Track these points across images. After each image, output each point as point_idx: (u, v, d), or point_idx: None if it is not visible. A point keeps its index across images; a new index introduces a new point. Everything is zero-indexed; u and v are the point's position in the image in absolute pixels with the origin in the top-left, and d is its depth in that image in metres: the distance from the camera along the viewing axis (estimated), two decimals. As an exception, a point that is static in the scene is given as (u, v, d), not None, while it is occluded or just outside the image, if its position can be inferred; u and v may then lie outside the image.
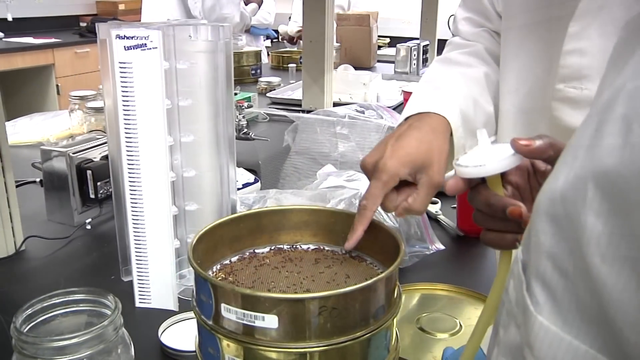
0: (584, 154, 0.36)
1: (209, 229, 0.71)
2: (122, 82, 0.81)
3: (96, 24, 0.84)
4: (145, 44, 0.79)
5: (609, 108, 0.35)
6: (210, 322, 0.61)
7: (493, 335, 0.50)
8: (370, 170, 0.74)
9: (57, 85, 4.06)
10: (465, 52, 0.92)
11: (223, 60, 0.87)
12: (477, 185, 0.57)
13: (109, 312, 0.55)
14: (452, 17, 1.00)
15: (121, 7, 5.04)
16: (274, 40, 4.64)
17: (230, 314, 0.58)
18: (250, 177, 1.25)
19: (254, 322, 0.57)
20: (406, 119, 0.81)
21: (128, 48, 0.79)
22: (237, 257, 0.74)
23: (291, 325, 0.57)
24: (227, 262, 0.74)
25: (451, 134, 0.79)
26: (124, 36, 0.78)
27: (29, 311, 0.54)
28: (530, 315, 0.40)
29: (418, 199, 0.73)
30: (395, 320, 0.65)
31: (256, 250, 0.76)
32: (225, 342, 0.60)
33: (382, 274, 0.60)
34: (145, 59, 0.80)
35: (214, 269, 0.71)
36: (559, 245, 0.37)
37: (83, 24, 4.72)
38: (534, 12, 0.81)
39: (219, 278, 0.68)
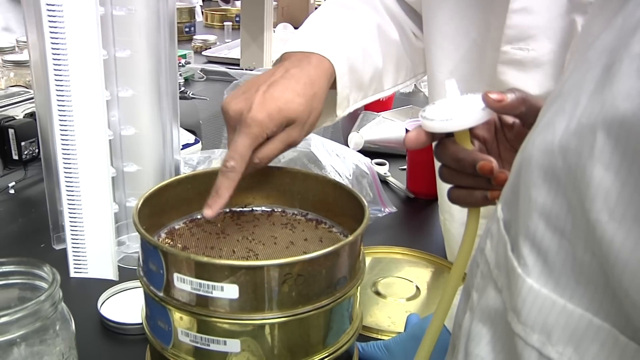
0: (588, 99, 0.32)
1: (154, 191, 0.65)
2: (51, 30, 0.72)
3: (18, -38, 0.74)
4: (78, -15, 0.70)
5: (620, 48, 0.31)
6: (160, 294, 0.55)
7: (463, 300, 0.47)
8: (233, 118, 0.63)
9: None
10: None
11: (165, 7, 0.79)
12: (443, 139, 0.53)
13: (45, 285, 0.49)
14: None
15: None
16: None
17: (185, 284, 0.53)
18: (191, 138, 1.18)
19: (212, 293, 0.52)
20: (283, 57, 0.72)
21: (57, -11, 0.70)
22: (184, 222, 0.69)
23: (252, 295, 0.52)
24: (175, 227, 0.68)
25: (334, 83, 0.71)
26: (53, -25, 0.70)
27: (-50, 286, 0.47)
28: (517, 277, 0.36)
29: (264, 151, 0.64)
30: (359, 287, 0.61)
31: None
32: (177, 315, 0.55)
33: (350, 237, 0.56)
34: (77, 3, 0.71)
35: (161, 235, 0.66)
36: (556, 201, 0.34)
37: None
38: None
39: (166, 245, 0.62)
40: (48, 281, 0.49)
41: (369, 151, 1.27)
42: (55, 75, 0.74)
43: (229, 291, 0.51)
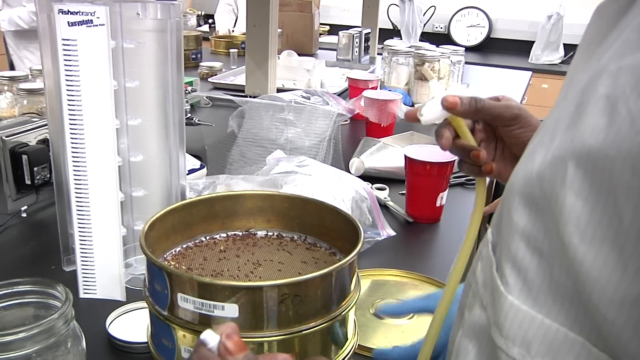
0: (562, 134, 0.36)
1: (160, 216, 0.68)
2: (65, 61, 0.76)
3: (36, -2, 0.79)
4: (91, 20, 0.74)
5: (590, 89, 0.35)
6: (165, 313, 0.58)
7: (458, 317, 0.50)
8: None
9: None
10: None
11: (173, 40, 0.84)
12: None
13: (58, 304, 0.52)
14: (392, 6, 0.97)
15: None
16: (212, 25, 4.55)
17: (188, 303, 0.56)
18: (196, 163, 1.22)
19: (213, 312, 0.55)
20: None
21: (72, 24, 0.75)
22: (189, 245, 0.72)
23: (251, 314, 0.55)
24: (179, 249, 0.71)
25: None
26: (68, 11, 0.74)
27: (-30, 304, 0.50)
28: (500, 295, 0.40)
29: None
30: (354, 307, 0.64)
31: (209, 237, 0.74)
32: (181, 333, 0.58)
33: (345, 260, 0.59)
34: (90, 37, 0.76)
35: (166, 257, 0.69)
36: (535, 225, 0.37)
37: None
38: None
39: (171, 266, 0.66)
40: (61, 300, 0.52)
41: (369, 176, 1.31)
42: (69, 103, 0.78)
43: (230, 310, 0.54)
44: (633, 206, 0.30)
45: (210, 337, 0.46)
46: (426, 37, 3.66)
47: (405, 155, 1.15)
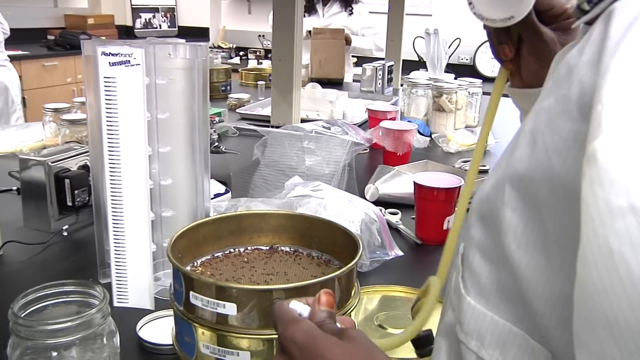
0: (504, 162, 0.45)
1: (190, 227, 0.78)
2: (106, 95, 0.87)
3: (82, 41, 0.90)
4: (129, 61, 0.85)
5: (523, 125, 0.43)
6: (181, 308, 0.68)
7: (440, 321, 0.58)
8: None
9: (24, 98, 4.06)
10: None
11: (200, 77, 0.94)
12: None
13: (97, 302, 0.61)
14: (418, 38, 1.06)
15: (90, 21, 5.06)
16: (243, 57, 4.73)
17: (197, 300, 0.65)
18: (222, 188, 1.32)
19: (216, 309, 0.64)
20: None
21: (112, 64, 0.86)
22: (218, 255, 0.81)
23: (249, 313, 0.63)
24: (209, 257, 0.81)
25: None
26: (109, 53, 0.85)
27: (24, 300, 0.60)
28: (461, 297, 0.48)
29: None
30: (352, 313, 0.72)
31: (236, 249, 0.83)
32: (200, 330, 0.66)
33: (334, 273, 0.67)
34: (128, 75, 0.87)
35: (196, 263, 0.78)
36: (486, 237, 0.46)
37: (51, 37, 4.72)
38: None
39: (198, 271, 0.75)
40: (99, 299, 0.62)
41: (383, 201, 1.39)
42: (108, 132, 0.89)
43: (230, 309, 0.63)
44: (553, 218, 0.38)
45: (299, 306, 0.49)
46: (452, 68, 3.74)
47: (414, 182, 1.24)
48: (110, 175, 0.91)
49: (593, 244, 0.32)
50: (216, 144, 1.76)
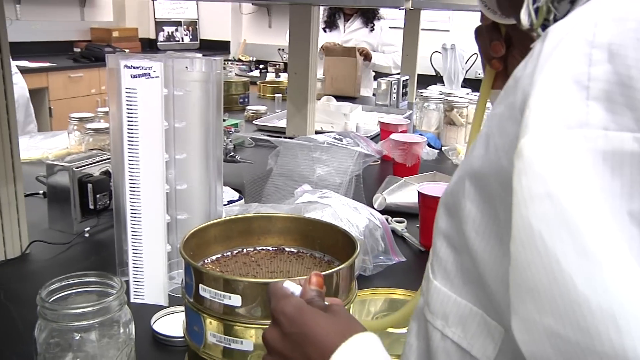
0: (465, 160, 0.51)
1: (202, 227, 0.85)
2: (127, 105, 0.94)
3: (106, 55, 0.97)
4: (149, 73, 0.92)
5: (482, 129, 0.49)
6: (191, 300, 0.74)
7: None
8: None
9: (50, 108, 4.19)
10: None
11: (214, 89, 1.01)
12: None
13: (114, 292, 0.68)
14: (435, 53, 1.12)
15: (115, 34, 5.20)
16: (263, 71, 4.82)
17: (206, 293, 0.71)
18: (235, 195, 1.39)
19: (223, 300, 0.70)
20: None
21: (134, 76, 0.93)
22: (227, 254, 0.88)
23: (257, 305, 0.69)
24: (219, 256, 0.87)
25: None
26: (131, 66, 0.92)
27: (51, 287, 0.67)
28: (429, 281, 0.54)
29: None
30: (350, 307, 0.78)
31: (245, 250, 0.89)
32: (208, 320, 0.72)
33: (332, 270, 0.73)
34: (148, 86, 0.94)
35: (206, 261, 0.85)
36: (450, 227, 0.52)
37: (77, 50, 4.86)
38: None
39: (208, 267, 0.81)
40: (117, 288, 0.68)
41: (390, 210, 1.45)
42: (129, 140, 0.96)
43: (235, 300, 0.69)
44: (504, 208, 0.44)
45: (292, 286, 0.57)
46: (468, 83, 3.78)
47: (418, 191, 1.29)
48: (130, 180, 0.98)
49: (519, 225, 0.38)
50: (232, 153, 1.83)
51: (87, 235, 1.27)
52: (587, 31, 0.38)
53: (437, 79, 4.11)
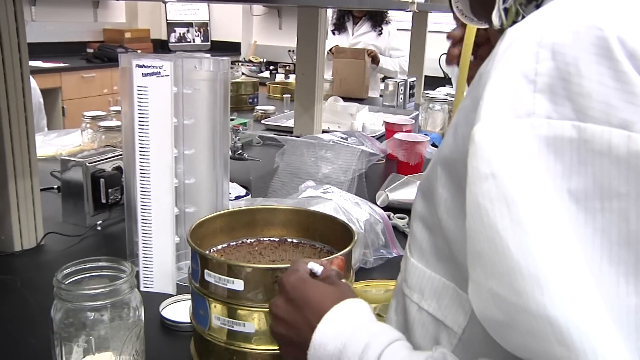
0: (438, 149, 0.56)
1: (208, 218, 0.89)
2: (138, 102, 0.99)
3: (119, 54, 1.02)
4: (159, 72, 0.97)
5: (453, 119, 0.54)
6: (197, 285, 0.78)
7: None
8: None
9: (63, 107, 4.26)
10: None
11: (222, 88, 1.06)
12: None
13: (125, 276, 0.72)
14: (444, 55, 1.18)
15: (127, 35, 5.27)
16: (273, 72, 4.87)
17: (210, 277, 0.76)
18: (242, 191, 1.43)
19: (227, 285, 0.74)
20: None
21: (145, 75, 0.98)
22: (232, 244, 0.92)
23: (258, 289, 0.73)
24: (224, 245, 0.91)
25: None
26: (143, 65, 0.97)
27: (66, 271, 0.71)
28: (407, 259, 0.59)
29: None
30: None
31: (249, 240, 0.93)
32: (213, 304, 0.77)
33: (330, 257, 0.77)
34: (158, 85, 0.98)
35: (212, 250, 0.89)
36: (425, 209, 0.56)
37: (90, 50, 4.94)
38: None
39: (214, 254, 0.86)
40: (127, 272, 0.73)
41: (393, 207, 1.49)
42: (139, 136, 1.01)
43: (238, 284, 0.73)
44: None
45: (315, 266, 0.64)
46: (474, 85, 3.80)
47: (418, 188, 1.33)
48: (141, 174, 1.03)
49: (470, 201, 0.43)
50: (240, 151, 1.87)
51: (99, 228, 1.32)
52: (535, 33, 0.43)
53: (446, 80, 4.14)
